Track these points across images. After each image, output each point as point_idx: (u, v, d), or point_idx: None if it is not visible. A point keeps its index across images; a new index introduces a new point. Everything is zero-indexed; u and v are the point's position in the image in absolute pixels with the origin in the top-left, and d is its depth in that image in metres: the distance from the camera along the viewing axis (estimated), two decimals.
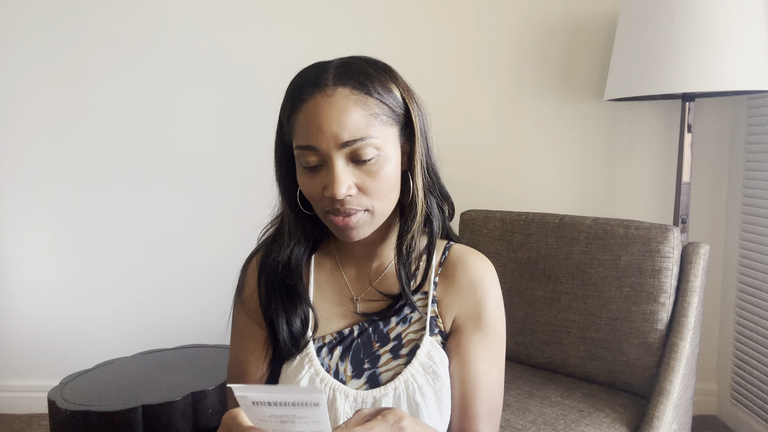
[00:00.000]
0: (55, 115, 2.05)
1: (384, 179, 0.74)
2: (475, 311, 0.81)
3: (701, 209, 2.03)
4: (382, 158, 0.74)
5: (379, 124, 0.73)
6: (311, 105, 0.72)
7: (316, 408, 0.56)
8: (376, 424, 0.59)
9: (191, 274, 2.11)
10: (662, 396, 1.26)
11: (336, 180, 0.71)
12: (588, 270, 1.41)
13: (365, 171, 0.73)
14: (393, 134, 0.76)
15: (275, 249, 0.84)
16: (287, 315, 0.81)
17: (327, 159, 0.72)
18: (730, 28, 1.48)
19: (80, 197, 2.09)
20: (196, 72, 2.03)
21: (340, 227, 0.75)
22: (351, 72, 0.74)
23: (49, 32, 2.01)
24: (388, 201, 0.77)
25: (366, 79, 0.73)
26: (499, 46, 2.00)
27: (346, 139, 0.71)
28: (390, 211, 0.79)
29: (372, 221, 0.77)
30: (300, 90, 0.74)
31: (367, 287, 0.84)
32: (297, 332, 0.81)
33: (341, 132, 0.71)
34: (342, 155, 0.72)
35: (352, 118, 0.71)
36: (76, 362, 2.09)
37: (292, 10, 1.99)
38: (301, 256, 0.84)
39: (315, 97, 0.72)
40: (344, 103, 0.71)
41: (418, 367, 0.77)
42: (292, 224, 0.83)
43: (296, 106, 0.74)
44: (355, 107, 0.71)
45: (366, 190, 0.74)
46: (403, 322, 0.81)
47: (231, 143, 2.06)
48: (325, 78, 0.73)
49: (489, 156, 2.04)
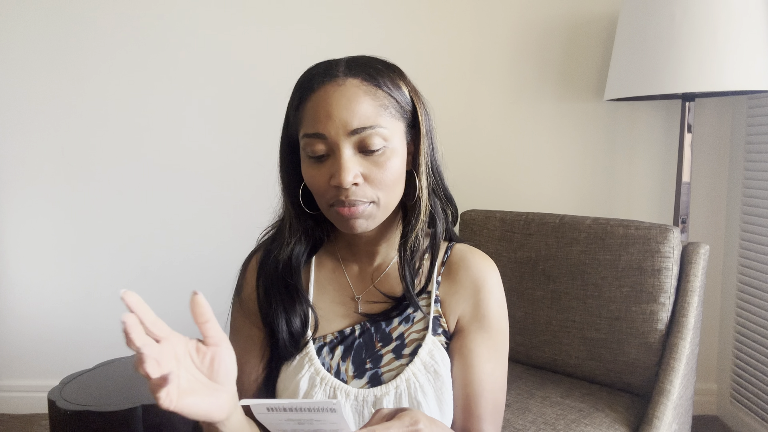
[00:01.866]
0: (55, 115, 2.05)
1: (390, 171, 0.74)
2: (478, 311, 0.81)
3: (701, 209, 2.03)
4: (389, 150, 0.74)
5: (388, 116, 0.74)
6: (321, 93, 0.72)
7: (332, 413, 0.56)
8: (392, 424, 0.59)
9: (191, 273, 2.11)
10: (662, 396, 1.26)
11: (343, 168, 0.71)
12: (588, 270, 1.41)
13: (372, 161, 0.73)
14: (400, 129, 0.76)
15: (275, 248, 0.83)
16: (287, 314, 0.81)
17: (334, 147, 0.72)
18: (730, 28, 1.48)
19: (80, 197, 2.09)
20: (197, 72, 2.03)
21: (345, 217, 0.75)
22: (361, 65, 0.75)
23: (49, 32, 2.01)
24: (392, 194, 0.77)
25: (376, 73, 0.74)
26: (499, 46, 2.00)
27: (356, 127, 0.71)
28: (394, 206, 0.79)
29: (376, 214, 0.76)
30: (310, 81, 0.74)
31: (369, 286, 0.84)
32: (297, 332, 0.81)
33: (351, 119, 0.71)
34: (350, 144, 0.72)
35: (362, 106, 0.72)
36: (76, 362, 2.08)
37: (294, 9, 1.99)
38: (302, 255, 0.84)
39: (325, 86, 0.72)
40: (354, 92, 0.72)
41: (420, 366, 0.77)
42: (293, 222, 0.82)
43: (305, 96, 0.74)
44: (365, 96, 0.72)
45: (372, 181, 0.74)
46: (405, 322, 0.81)
47: (232, 143, 2.06)
48: (336, 69, 0.74)
49: (489, 156, 2.04)
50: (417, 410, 0.63)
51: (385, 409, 0.63)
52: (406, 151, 0.78)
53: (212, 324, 0.61)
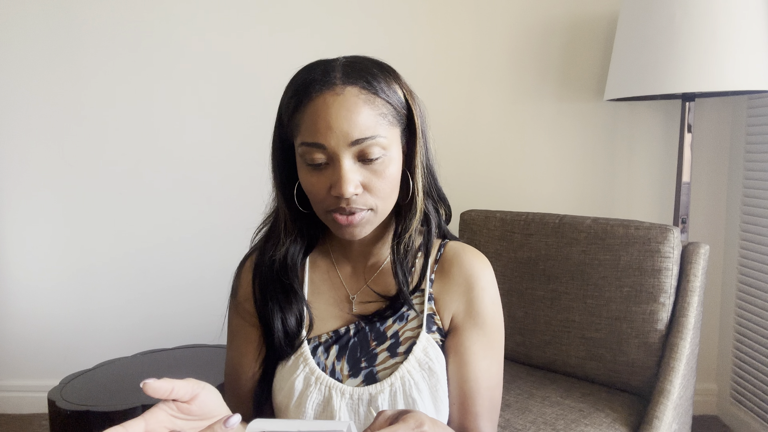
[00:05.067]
0: (55, 115, 2.05)
1: (389, 179, 0.75)
2: (472, 308, 0.81)
3: (701, 209, 2.03)
4: (388, 158, 0.74)
5: (386, 124, 0.74)
6: (320, 103, 0.72)
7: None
8: (398, 427, 0.59)
9: (191, 273, 2.11)
10: (662, 396, 1.26)
11: (344, 179, 0.71)
12: (588, 270, 1.41)
13: (371, 170, 0.73)
14: (397, 135, 0.76)
15: (270, 248, 0.83)
16: (282, 313, 0.81)
17: (334, 157, 0.72)
18: (730, 28, 1.48)
19: (80, 197, 2.09)
20: (196, 72, 2.03)
21: (343, 226, 0.75)
22: (359, 71, 0.74)
23: (49, 32, 2.01)
24: (390, 200, 0.77)
25: (373, 79, 0.74)
26: (499, 46, 2.00)
27: (356, 138, 0.71)
28: (390, 210, 0.79)
29: (373, 220, 0.77)
30: (307, 87, 0.73)
31: (363, 285, 0.84)
32: (292, 331, 0.81)
33: (351, 131, 0.71)
34: (350, 154, 0.72)
35: (362, 117, 0.71)
36: (76, 362, 2.09)
37: (293, 10, 1.99)
38: (297, 254, 0.84)
39: (324, 94, 0.71)
40: (354, 102, 0.71)
41: (414, 364, 0.77)
42: (288, 222, 0.82)
43: (302, 103, 0.73)
44: (365, 106, 0.72)
45: (371, 189, 0.74)
46: (399, 320, 0.81)
47: (231, 144, 2.06)
48: (333, 76, 0.72)
49: (489, 156, 2.04)
50: (421, 412, 0.62)
51: (388, 411, 0.63)
52: (402, 155, 0.79)
53: (177, 389, 0.58)
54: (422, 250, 0.83)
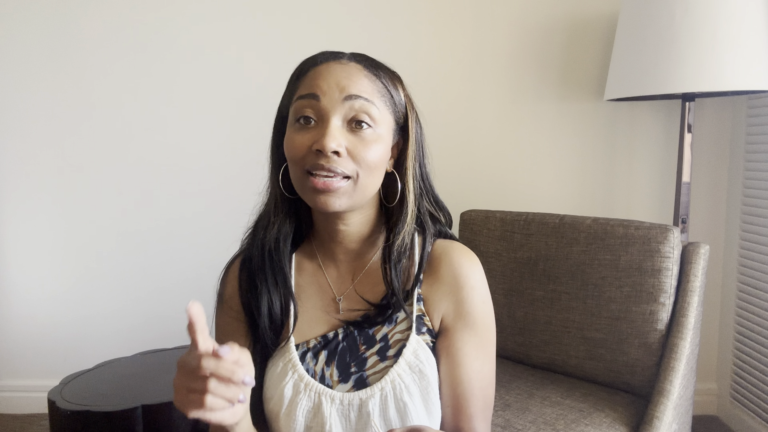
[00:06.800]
0: (56, 115, 2.05)
1: (373, 151, 0.75)
2: (461, 308, 0.80)
3: (701, 209, 2.03)
4: (376, 134, 0.76)
5: (382, 103, 0.76)
6: (323, 67, 0.76)
7: None
8: None
9: (191, 273, 2.11)
10: (662, 396, 1.26)
11: (329, 133, 0.72)
12: (588, 270, 1.41)
13: (358, 138, 0.74)
14: (390, 121, 0.78)
15: (259, 230, 0.83)
16: (269, 295, 0.80)
17: (324, 115, 0.74)
18: (730, 28, 1.48)
19: (80, 197, 2.09)
20: (196, 73, 2.03)
21: (319, 189, 0.73)
22: (367, 58, 0.79)
23: (49, 33, 2.01)
24: (371, 177, 0.76)
25: (377, 67, 0.78)
26: (499, 46, 2.00)
27: (352, 92, 0.73)
28: (371, 193, 0.78)
29: (352, 194, 0.75)
30: (314, 57, 0.78)
31: (349, 286, 0.83)
32: (277, 317, 0.80)
33: (349, 85, 0.74)
34: (341, 113, 0.74)
35: (361, 81, 0.75)
36: (76, 362, 2.08)
37: (294, 12, 1.99)
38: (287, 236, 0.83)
39: (329, 62, 0.76)
40: (357, 70, 0.76)
41: (405, 367, 0.76)
42: (278, 201, 0.82)
43: (307, 69, 0.77)
44: (366, 78, 0.76)
45: (354, 156, 0.74)
46: (389, 323, 0.80)
47: (231, 144, 2.06)
48: (341, 53, 0.78)
49: (489, 156, 2.04)
50: (428, 427, 0.62)
51: (398, 429, 0.63)
52: (391, 146, 0.79)
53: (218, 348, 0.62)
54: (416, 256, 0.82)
